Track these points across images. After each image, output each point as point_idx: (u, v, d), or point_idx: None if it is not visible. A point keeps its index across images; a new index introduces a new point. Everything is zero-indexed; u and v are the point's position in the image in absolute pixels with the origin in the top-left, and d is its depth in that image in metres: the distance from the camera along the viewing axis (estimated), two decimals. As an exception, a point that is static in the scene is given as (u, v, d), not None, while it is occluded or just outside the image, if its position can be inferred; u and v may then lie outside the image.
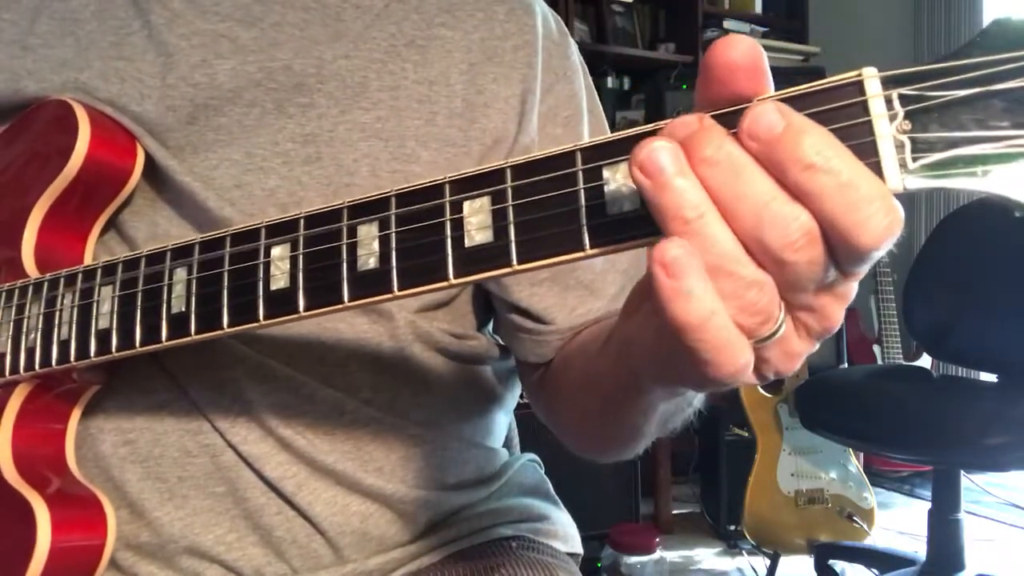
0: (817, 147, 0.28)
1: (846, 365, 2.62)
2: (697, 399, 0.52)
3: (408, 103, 0.61)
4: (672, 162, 0.29)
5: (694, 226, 0.29)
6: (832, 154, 0.28)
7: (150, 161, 0.59)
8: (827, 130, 0.29)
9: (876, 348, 2.90)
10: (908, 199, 0.29)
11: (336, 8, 0.62)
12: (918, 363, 2.62)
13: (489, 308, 0.68)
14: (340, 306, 0.39)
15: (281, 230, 0.42)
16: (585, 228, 0.33)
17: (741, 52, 0.30)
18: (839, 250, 0.29)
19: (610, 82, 3.28)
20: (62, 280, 0.53)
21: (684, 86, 3.14)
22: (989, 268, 1.81)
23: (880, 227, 0.28)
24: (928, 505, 1.89)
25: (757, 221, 0.29)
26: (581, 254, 0.33)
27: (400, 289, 0.37)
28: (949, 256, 1.95)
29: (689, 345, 0.30)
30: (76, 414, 0.58)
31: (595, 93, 0.69)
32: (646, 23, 3.45)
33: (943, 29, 3.16)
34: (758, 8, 3.51)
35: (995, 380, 1.89)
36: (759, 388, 2.30)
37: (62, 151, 0.56)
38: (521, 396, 0.73)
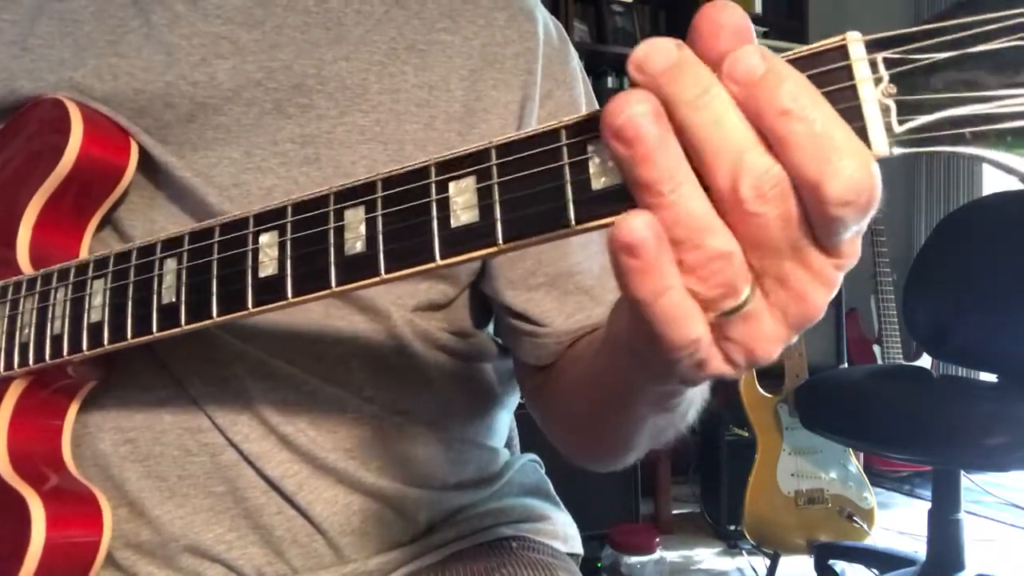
0: (794, 93, 0.27)
1: (846, 365, 2.63)
2: (691, 412, 0.52)
3: (407, 107, 0.61)
4: (652, 129, 0.28)
5: (669, 198, 0.28)
6: (808, 102, 0.27)
7: (149, 158, 0.59)
8: (807, 78, 0.28)
9: (876, 348, 2.90)
10: (908, 199, 0.28)
11: (337, 12, 0.62)
12: (918, 363, 2.62)
13: (488, 308, 0.68)
14: (328, 291, 0.39)
15: (269, 217, 0.42)
16: (571, 203, 0.32)
17: (729, 14, 0.29)
18: (810, 206, 0.28)
19: (610, 82, 3.28)
20: (55, 275, 0.53)
21: (683, 86, 3.14)
22: (989, 268, 1.81)
23: (850, 179, 0.27)
24: (928, 505, 1.89)
25: (733, 171, 0.28)
26: (567, 230, 0.33)
27: (387, 272, 0.37)
28: (949, 256, 1.95)
29: (643, 316, 0.30)
30: (73, 410, 0.58)
31: (595, 101, 0.68)
32: (646, 23, 3.45)
33: (943, 29, 3.15)
34: (758, 8, 3.51)
35: (995, 380, 1.89)
36: (759, 388, 2.30)
37: (55, 149, 0.56)
38: (521, 396, 0.73)
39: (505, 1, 0.64)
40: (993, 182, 2.98)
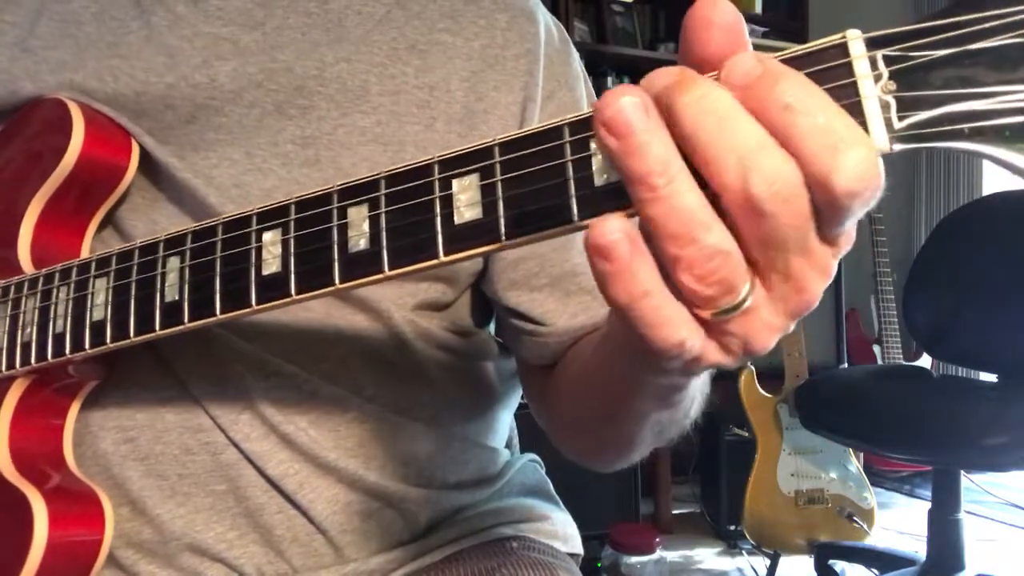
0: (793, 88, 0.28)
1: (846, 365, 2.62)
2: (693, 408, 0.52)
3: (408, 108, 0.61)
4: (642, 120, 0.28)
5: (662, 192, 0.28)
6: (807, 95, 0.28)
7: (150, 158, 0.59)
8: (804, 75, 0.28)
9: (876, 348, 2.90)
10: (908, 199, 0.28)
11: (338, 13, 0.62)
12: (918, 363, 2.62)
13: (489, 308, 0.68)
14: (332, 288, 0.39)
15: (272, 215, 0.42)
16: (574, 200, 0.33)
17: (720, 11, 0.29)
18: (818, 198, 0.28)
19: (610, 82, 3.28)
20: (57, 274, 0.53)
21: (684, 86, 3.14)
22: (989, 268, 1.81)
23: (856, 170, 0.27)
24: (928, 505, 1.89)
25: (744, 171, 0.28)
26: (571, 226, 0.33)
27: (391, 268, 0.37)
28: (949, 256, 1.95)
29: (625, 320, 0.30)
30: (74, 409, 0.58)
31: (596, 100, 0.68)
32: (646, 23, 3.45)
33: (943, 29, 3.16)
34: (758, 8, 3.50)
35: (995, 380, 1.89)
36: (759, 388, 2.30)
37: (56, 149, 0.56)
38: (522, 396, 0.73)
39: (506, 2, 0.65)
40: (993, 182, 2.98)
